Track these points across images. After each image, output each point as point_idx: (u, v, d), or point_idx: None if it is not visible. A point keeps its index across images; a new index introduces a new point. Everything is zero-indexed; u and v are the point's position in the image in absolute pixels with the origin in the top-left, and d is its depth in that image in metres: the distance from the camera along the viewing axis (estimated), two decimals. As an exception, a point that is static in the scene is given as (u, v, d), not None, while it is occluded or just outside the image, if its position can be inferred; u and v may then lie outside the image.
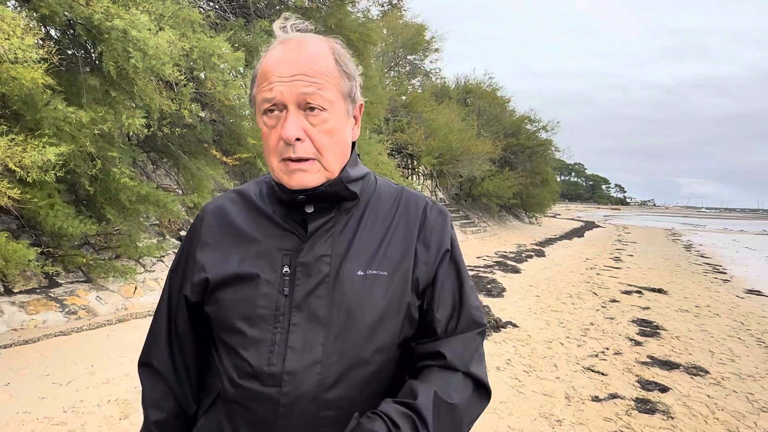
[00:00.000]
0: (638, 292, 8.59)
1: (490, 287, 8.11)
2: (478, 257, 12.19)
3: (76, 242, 5.57)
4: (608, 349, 5.16)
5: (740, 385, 4.30)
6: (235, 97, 6.16)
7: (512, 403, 3.65)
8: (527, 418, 3.41)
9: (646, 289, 8.90)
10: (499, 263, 11.26)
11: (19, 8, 4.74)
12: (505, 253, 13.58)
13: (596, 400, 3.80)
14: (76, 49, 5.33)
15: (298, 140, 0.82)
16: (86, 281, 5.50)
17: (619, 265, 12.50)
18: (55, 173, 4.09)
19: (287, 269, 0.87)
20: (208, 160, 6.93)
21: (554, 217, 37.87)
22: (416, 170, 20.53)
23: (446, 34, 40.71)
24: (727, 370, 4.69)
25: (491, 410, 3.47)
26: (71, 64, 5.17)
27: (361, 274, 0.87)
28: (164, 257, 6.54)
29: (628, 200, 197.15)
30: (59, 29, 5.19)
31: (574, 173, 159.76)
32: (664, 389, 4.07)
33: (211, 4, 7.99)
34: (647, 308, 7.27)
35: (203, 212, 0.99)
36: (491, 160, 20.92)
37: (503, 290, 8.01)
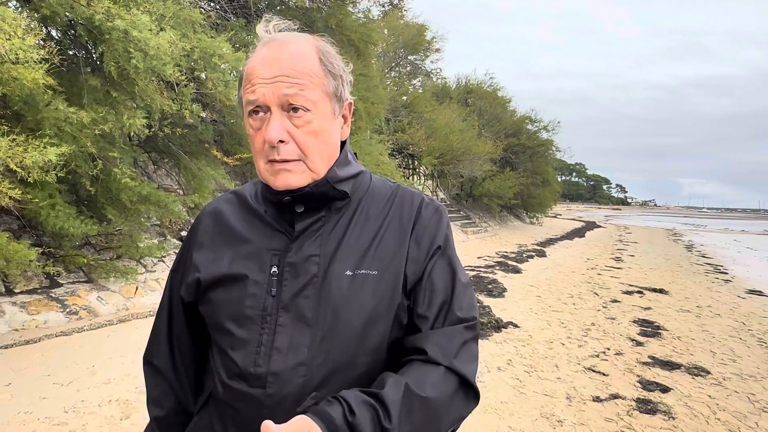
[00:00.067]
0: (639, 292, 8.58)
1: (491, 287, 8.11)
2: (479, 257, 12.19)
3: (77, 242, 5.58)
4: (609, 349, 5.16)
5: (742, 385, 4.29)
6: (235, 97, 6.16)
7: (513, 403, 3.65)
8: (528, 418, 3.41)
9: (647, 289, 8.89)
10: (500, 263, 11.26)
11: (20, 9, 4.75)
12: (506, 253, 13.58)
13: (597, 400, 3.79)
14: (77, 49, 5.34)
15: (281, 142, 0.81)
16: (87, 281, 5.51)
17: (620, 265, 12.49)
18: (56, 173, 4.09)
19: (275, 269, 0.86)
20: (209, 160, 6.94)
21: (555, 217, 37.84)
22: (417, 170, 20.54)
23: (447, 34, 40.72)
24: (728, 370, 4.69)
25: (492, 410, 3.48)
26: (72, 64, 5.18)
27: (349, 273, 0.85)
28: (165, 257, 6.55)
29: (629, 200, 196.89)
30: (60, 30, 5.20)
31: (575, 173, 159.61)
32: (665, 389, 4.06)
33: (212, 4, 8.00)
34: (648, 308, 7.26)
35: (202, 213, 1.00)
36: (492, 160, 20.92)
37: (504, 290, 8.01)
